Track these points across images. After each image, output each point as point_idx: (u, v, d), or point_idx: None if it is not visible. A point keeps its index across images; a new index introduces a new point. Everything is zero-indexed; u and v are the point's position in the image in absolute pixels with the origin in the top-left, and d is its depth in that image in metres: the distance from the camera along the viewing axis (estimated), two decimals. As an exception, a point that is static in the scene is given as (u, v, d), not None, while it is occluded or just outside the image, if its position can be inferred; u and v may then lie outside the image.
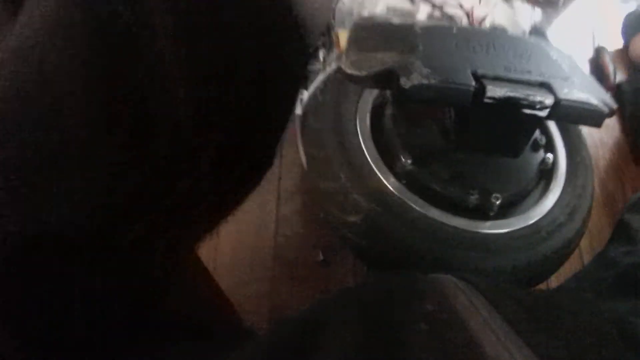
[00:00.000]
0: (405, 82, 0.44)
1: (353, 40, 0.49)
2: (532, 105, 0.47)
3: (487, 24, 0.66)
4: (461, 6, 0.65)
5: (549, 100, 0.47)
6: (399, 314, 0.28)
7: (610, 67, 0.85)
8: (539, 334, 0.26)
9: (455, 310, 0.27)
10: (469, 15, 0.64)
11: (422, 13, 0.65)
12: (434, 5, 0.56)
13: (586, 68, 0.86)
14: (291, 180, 0.61)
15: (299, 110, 0.58)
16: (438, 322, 0.26)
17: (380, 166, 0.51)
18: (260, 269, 0.55)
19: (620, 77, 0.86)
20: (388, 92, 0.55)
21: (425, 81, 0.44)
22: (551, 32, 0.84)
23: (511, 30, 0.69)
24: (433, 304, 0.28)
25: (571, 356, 0.25)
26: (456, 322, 0.26)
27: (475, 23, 0.64)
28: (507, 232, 0.51)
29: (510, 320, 0.26)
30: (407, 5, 0.65)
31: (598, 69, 0.85)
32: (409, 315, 0.27)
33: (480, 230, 0.50)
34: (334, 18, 0.63)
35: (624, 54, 0.90)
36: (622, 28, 0.90)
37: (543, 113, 0.48)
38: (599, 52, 0.86)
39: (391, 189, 0.50)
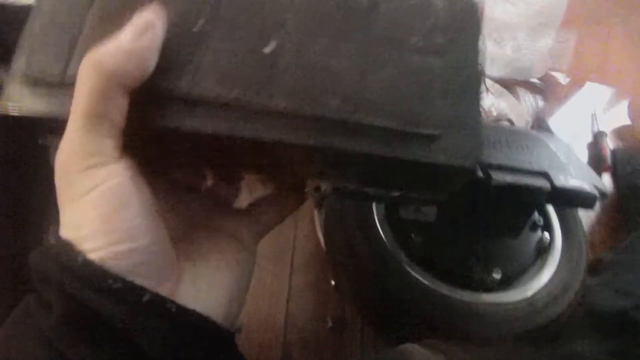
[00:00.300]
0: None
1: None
2: (532, 192, 0.54)
3: (493, 112, 0.73)
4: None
5: (546, 188, 0.54)
6: None
7: (607, 151, 0.92)
8: None
9: None
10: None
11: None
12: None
13: (584, 152, 0.93)
14: (304, 253, 0.67)
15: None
16: None
17: (393, 244, 0.57)
18: (273, 333, 0.61)
19: (619, 155, 0.92)
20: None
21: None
22: (553, 119, 0.92)
23: (516, 120, 0.77)
24: None
25: None
26: None
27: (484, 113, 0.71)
28: (507, 304, 0.57)
29: None
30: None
31: (596, 152, 0.92)
32: None
33: (482, 302, 0.56)
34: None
35: (629, 130, 0.97)
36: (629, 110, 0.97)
37: (542, 199, 0.54)
38: (597, 137, 0.94)
39: (404, 265, 0.56)
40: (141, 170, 0.25)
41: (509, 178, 0.53)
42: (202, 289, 0.27)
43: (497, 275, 0.57)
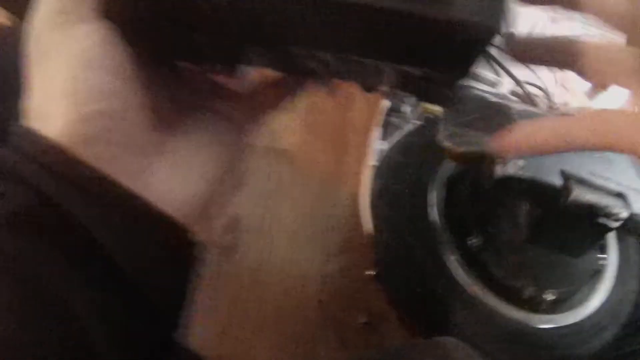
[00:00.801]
0: (500, 170, 0.44)
1: (449, 110, 0.50)
2: (608, 215, 0.48)
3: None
4: (543, 90, 0.65)
5: (624, 214, 0.48)
6: None
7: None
8: None
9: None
10: (549, 99, 0.64)
11: (506, 86, 0.65)
12: (517, 82, 0.56)
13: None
14: (340, 236, 0.61)
15: (373, 161, 0.59)
16: None
17: (448, 241, 0.52)
18: (303, 325, 0.56)
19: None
20: (472, 170, 0.55)
21: (520, 173, 0.44)
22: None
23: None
24: (434, 357, 0.31)
25: None
26: None
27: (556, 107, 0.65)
28: (553, 329, 0.52)
29: None
30: (491, 75, 0.65)
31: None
32: None
33: (528, 323, 0.51)
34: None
35: None
36: None
37: (616, 224, 0.49)
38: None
39: (455, 265, 0.50)
40: (128, 39, 0.24)
41: (589, 197, 0.47)
42: (179, 164, 0.26)
43: (549, 296, 0.52)
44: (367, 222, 0.57)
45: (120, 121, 0.23)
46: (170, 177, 0.25)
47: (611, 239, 0.61)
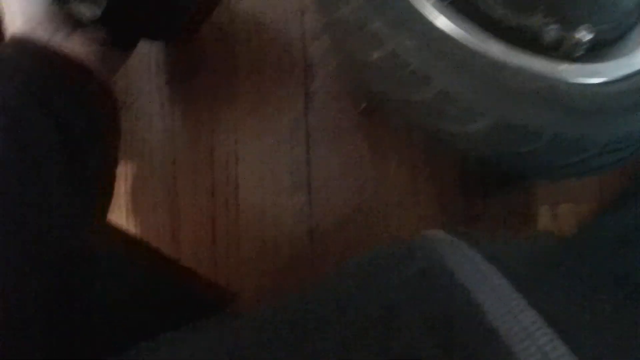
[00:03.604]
0: None
1: None
2: None
3: None
4: None
5: None
6: (389, 275, 0.27)
7: None
8: (543, 292, 0.24)
9: (450, 269, 0.25)
10: None
11: None
12: None
13: None
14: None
15: None
16: (434, 281, 0.25)
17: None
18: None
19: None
20: None
21: None
22: None
23: None
24: (426, 262, 0.27)
25: (575, 314, 0.23)
26: (454, 282, 0.24)
27: None
28: (599, 84, 0.34)
29: (513, 277, 0.23)
30: None
31: None
32: (399, 275, 0.26)
33: (560, 77, 0.33)
34: None
35: None
36: None
37: None
38: None
39: (434, 12, 0.33)
40: None
41: None
42: None
43: (584, 36, 0.34)
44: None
45: None
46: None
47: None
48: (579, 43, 0.34)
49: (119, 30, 0.36)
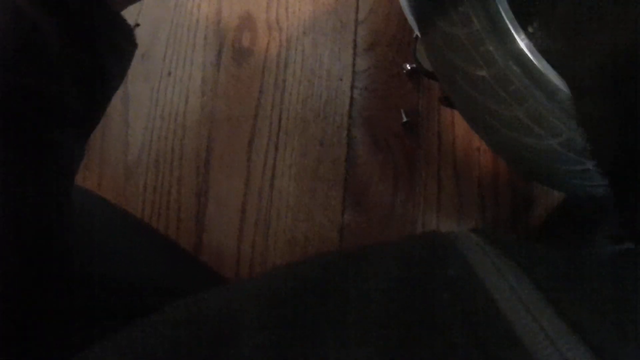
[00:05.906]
0: None
1: None
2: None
3: None
4: None
5: None
6: (421, 281, 0.26)
7: None
8: (573, 303, 0.23)
9: (480, 278, 0.25)
10: None
11: None
12: None
13: None
14: (372, 27, 0.50)
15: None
16: (461, 291, 0.24)
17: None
18: (335, 128, 0.45)
19: None
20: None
21: None
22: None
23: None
24: (456, 270, 0.26)
25: (609, 327, 0.22)
26: (481, 292, 0.24)
27: None
28: None
29: (542, 287, 0.24)
30: None
31: None
32: (431, 284, 0.26)
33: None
34: None
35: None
36: None
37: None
38: None
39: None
40: None
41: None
42: None
43: None
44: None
45: None
46: None
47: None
48: None
49: None
